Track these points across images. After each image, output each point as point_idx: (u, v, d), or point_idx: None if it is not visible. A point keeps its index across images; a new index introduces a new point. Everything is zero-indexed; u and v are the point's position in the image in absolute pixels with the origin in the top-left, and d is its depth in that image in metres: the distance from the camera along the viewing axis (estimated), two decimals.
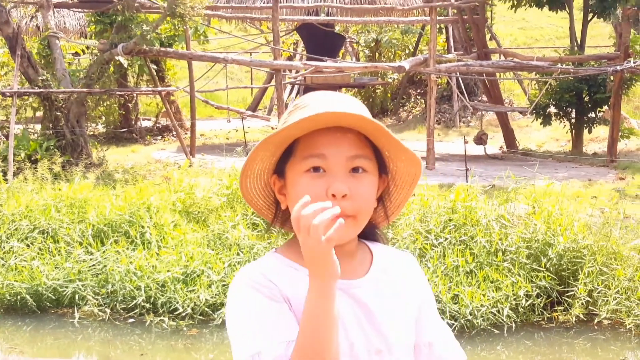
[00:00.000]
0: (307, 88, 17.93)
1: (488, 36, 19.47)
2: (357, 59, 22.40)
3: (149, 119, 20.45)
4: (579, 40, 16.40)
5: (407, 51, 21.69)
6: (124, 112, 18.72)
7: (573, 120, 16.18)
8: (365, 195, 1.68)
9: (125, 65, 16.38)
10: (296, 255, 1.71)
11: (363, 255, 1.81)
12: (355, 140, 1.68)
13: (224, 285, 8.07)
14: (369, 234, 1.81)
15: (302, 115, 1.62)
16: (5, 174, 12.01)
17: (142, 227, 8.90)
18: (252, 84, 25.98)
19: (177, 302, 7.90)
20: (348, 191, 1.64)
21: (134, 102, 18.98)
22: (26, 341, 8.03)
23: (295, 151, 1.69)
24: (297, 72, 15.60)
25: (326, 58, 14.81)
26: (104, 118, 18.43)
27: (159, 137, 19.07)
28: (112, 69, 15.90)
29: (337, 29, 20.48)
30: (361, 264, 1.78)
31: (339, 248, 1.66)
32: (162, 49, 15.04)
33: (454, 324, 7.53)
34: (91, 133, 16.71)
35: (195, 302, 7.86)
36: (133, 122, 18.93)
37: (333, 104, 1.66)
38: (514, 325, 7.67)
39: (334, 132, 1.65)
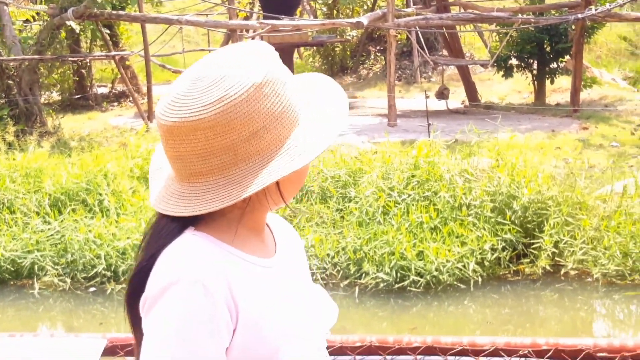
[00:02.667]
0: None
1: None
2: (315, 17, 22.10)
3: (105, 86, 20.04)
4: None
5: (365, 7, 21.42)
6: (78, 79, 18.30)
7: (535, 72, 16.12)
8: None
9: (77, 31, 15.98)
10: (238, 239, 1.47)
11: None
12: None
13: None
14: None
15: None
16: None
17: (100, 194, 8.70)
18: (209, 46, 25.57)
19: None
20: None
21: (88, 68, 18.55)
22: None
23: None
24: (254, 31, 15.30)
25: (283, 16, 14.53)
26: (58, 86, 18.02)
27: (116, 104, 18.71)
28: (63, 34, 15.48)
29: None
30: (268, 233, 1.61)
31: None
32: (114, 12, 14.65)
33: (419, 281, 7.46)
34: (46, 101, 16.33)
35: None
36: (88, 89, 18.52)
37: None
38: (480, 279, 7.62)
39: None
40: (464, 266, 7.60)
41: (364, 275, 7.66)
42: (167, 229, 1.43)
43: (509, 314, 7.51)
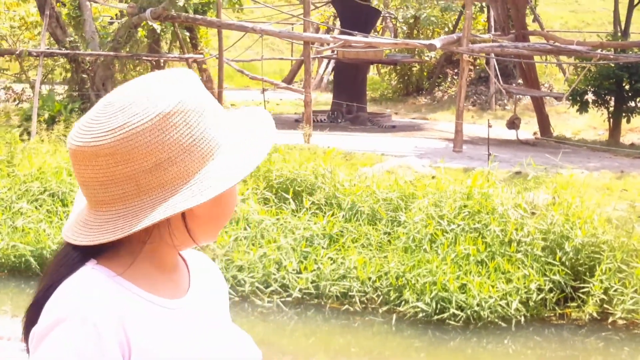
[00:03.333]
0: (339, 63, 17.63)
1: (531, 17, 18.96)
2: (396, 35, 22.00)
3: None
4: (623, 25, 15.84)
5: (446, 29, 21.21)
6: None
7: (611, 109, 15.67)
8: None
9: (158, 31, 16.21)
10: (139, 276, 1.39)
11: (180, 261, 1.52)
12: None
13: (227, 259, 7.89)
14: None
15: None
16: (29, 133, 11.95)
17: None
18: (292, 55, 25.72)
19: None
20: None
21: (162, 68, 18.82)
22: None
23: None
24: (327, 45, 15.31)
25: (356, 32, 14.47)
26: None
27: None
28: (143, 33, 15.74)
29: (375, 2, 20.10)
30: (182, 272, 1.50)
31: (176, 257, 1.47)
32: (190, 15, 14.81)
33: (459, 315, 7.27)
34: None
35: None
36: None
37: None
38: (523, 319, 7.39)
39: None
40: (508, 304, 7.38)
41: (403, 302, 7.50)
42: (67, 259, 1.35)
43: (551, 358, 7.25)
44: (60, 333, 1.26)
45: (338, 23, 20.66)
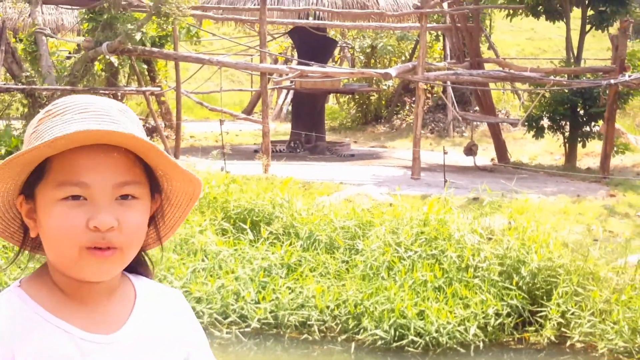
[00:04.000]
0: (297, 93, 17.71)
1: (486, 45, 19.23)
2: (353, 65, 22.17)
3: (142, 119, 20.23)
4: (575, 52, 16.12)
5: (403, 58, 21.42)
6: None
7: (567, 134, 15.90)
8: (136, 225, 1.41)
9: (116, 64, 16.17)
10: (45, 293, 1.42)
11: (125, 293, 1.51)
12: (124, 162, 1.40)
13: (185, 291, 7.82)
14: (134, 260, 1.50)
15: (56, 131, 1.35)
16: None
17: None
18: (252, 86, 25.78)
19: None
20: (115, 222, 1.37)
21: (122, 102, 18.75)
22: None
23: (48, 172, 1.39)
24: (283, 75, 15.36)
25: (312, 63, 14.56)
26: None
27: (148, 137, 18.84)
28: (100, 67, 15.69)
29: (332, 33, 20.26)
30: (122, 304, 1.50)
31: (96, 286, 1.43)
32: (147, 48, 14.82)
33: (418, 341, 7.28)
34: None
35: None
36: None
37: (97, 116, 1.39)
38: (481, 344, 7.41)
39: (97, 153, 1.38)
40: (466, 329, 7.40)
41: (362, 330, 7.49)
42: None
43: None
44: None
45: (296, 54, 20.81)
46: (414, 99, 21.68)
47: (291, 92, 22.48)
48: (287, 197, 9.23)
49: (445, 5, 15.43)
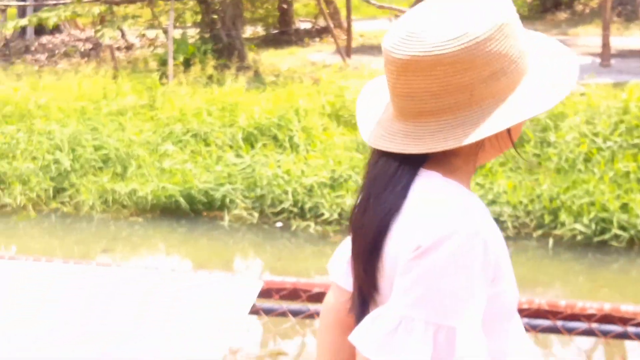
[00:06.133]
0: None
1: None
2: None
3: (307, 21, 20.14)
4: None
5: None
6: (281, 14, 18.49)
7: None
8: None
9: None
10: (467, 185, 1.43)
11: None
12: None
13: None
14: None
15: None
16: (166, 77, 12.11)
17: (291, 130, 8.69)
18: None
19: (324, 207, 7.67)
20: None
21: (290, 3, 18.69)
22: (181, 242, 8.12)
23: None
24: None
25: None
26: (261, 21, 18.31)
27: (317, 39, 18.74)
28: None
29: None
30: None
31: None
32: None
33: (622, 235, 6.89)
34: (250, 36, 16.65)
35: (342, 208, 7.59)
36: (291, 24, 18.68)
37: None
38: None
39: None
40: None
41: (559, 225, 7.18)
42: (400, 170, 1.38)
43: None
44: (453, 244, 1.28)
45: None
46: None
47: None
48: None
49: None
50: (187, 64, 12.57)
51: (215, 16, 13.54)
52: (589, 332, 2.13)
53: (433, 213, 1.32)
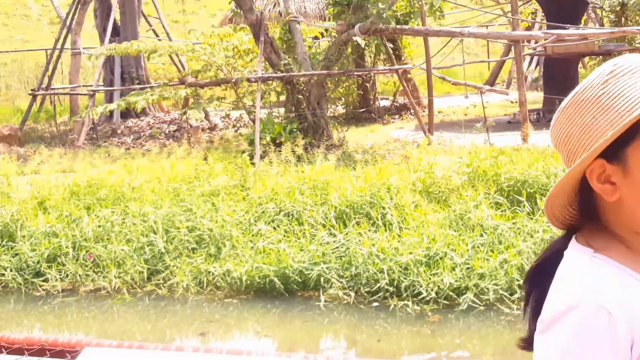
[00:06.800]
0: (548, 58, 17.04)
1: None
2: (601, 25, 21.03)
3: (386, 99, 20.47)
4: None
5: None
6: (362, 92, 18.85)
7: None
8: None
9: (363, 46, 16.43)
10: (628, 258, 1.36)
11: None
12: None
13: (467, 268, 7.78)
14: None
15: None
16: (252, 157, 12.43)
17: (383, 208, 8.81)
18: (488, 57, 25.28)
19: (421, 286, 7.72)
20: None
21: (371, 82, 19.05)
22: (275, 323, 8.20)
23: None
24: (536, 42, 14.84)
25: (568, 25, 13.93)
26: (343, 99, 18.68)
27: (397, 116, 19.01)
28: (349, 50, 16.01)
29: None
30: None
31: None
32: (398, 26, 14.89)
33: None
34: (331, 114, 16.97)
35: (439, 286, 7.63)
36: (371, 102, 19.01)
37: None
38: None
39: None
40: None
41: None
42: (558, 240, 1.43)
43: None
44: (573, 319, 1.25)
45: (539, 18, 20.08)
46: None
47: (535, 59, 21.76)
48: (561, 167, 8.90)
49: None
50: (273, 143, 12.88)
51: (300, 96, 13.89)
52: None
53: (556, 290, 1.32)
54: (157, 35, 20.22)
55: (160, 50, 15.37)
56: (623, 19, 20.84)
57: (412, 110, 17.19)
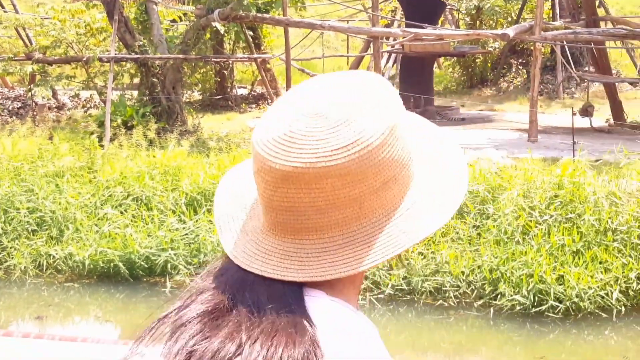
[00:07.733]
0: (405, 56, 17.46)
1: (596, 3, 18.55)
2: (457, 27, 21.73)
3: (244, 87, 20.38)
4: None
5: (509, 19, 20.90)
6: (219, 80, 18.67)
7: None
8: None
9: (222, 32, 16.26)
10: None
11: None
12: None
13: None
14: None
15: None
16: (101, 139, 12.04)
17: None
18: (348, 52, 25.62)
19: None
20: None
21: (229, 69, 18.89)
22: (119, 309, 7.99)
23: None
24: (394, 39, 15.14)
25: (426, 25, 14.29)
26: (199, 85, 18.43)
27: (254, 106, 18.95)
28: (208, 35, 15.79)
29: None
30: None
31: None
32: (259, 14, 14.82)
33: (558, 306, 7.09)
34: (187, 100, 16.71)
35: None
36: (229, 90, 18.86)
37: None
38: (623, 309, 7.17)
39: None
40: (607, 294, 7.17)
41: (499, 296, 7.35)
42: (286, 294, 1.14)
43: None
44: None
45: (398, 16, 20.51)
46: (520, 60, 21.26)
47: (392, 56, 22.22)
48: None
49: None
50: (124, 125, 12.53)
51: (155, 79, 13.57)
52: None
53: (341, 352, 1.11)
54: (2, 7, 19.24)
55: (5, 23, 14.64)
56: (478, 22, 21.61)
57: (269, 100, 17.16)
